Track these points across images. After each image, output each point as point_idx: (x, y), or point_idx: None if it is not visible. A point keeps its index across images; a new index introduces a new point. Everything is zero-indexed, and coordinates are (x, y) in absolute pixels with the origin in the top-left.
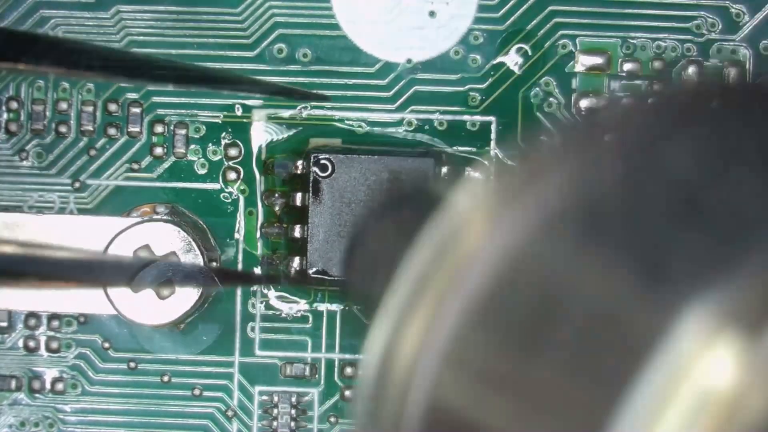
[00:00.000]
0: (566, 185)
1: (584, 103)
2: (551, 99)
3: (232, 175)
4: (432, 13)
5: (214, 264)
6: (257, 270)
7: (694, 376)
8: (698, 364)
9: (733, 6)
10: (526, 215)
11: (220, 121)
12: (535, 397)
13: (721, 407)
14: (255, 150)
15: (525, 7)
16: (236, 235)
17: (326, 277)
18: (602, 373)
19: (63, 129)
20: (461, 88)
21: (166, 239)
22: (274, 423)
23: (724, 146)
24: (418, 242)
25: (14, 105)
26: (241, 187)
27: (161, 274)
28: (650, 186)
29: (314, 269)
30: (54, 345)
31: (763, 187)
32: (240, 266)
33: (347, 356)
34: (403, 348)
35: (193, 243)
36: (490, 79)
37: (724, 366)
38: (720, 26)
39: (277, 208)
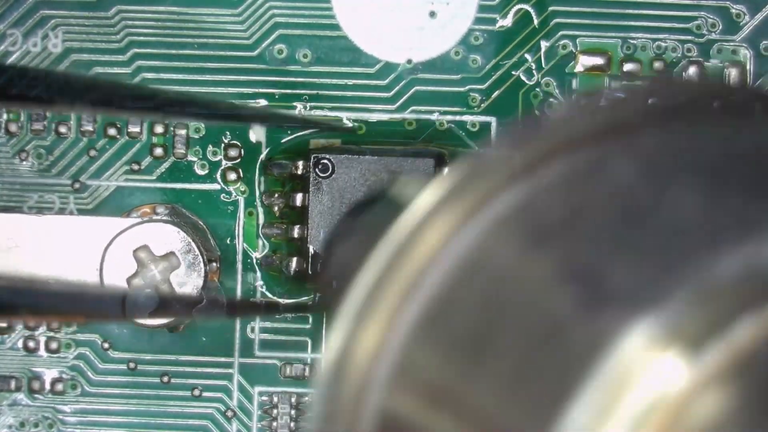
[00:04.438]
0: (512, 191)
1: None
2: (551, 99)
3: (231, 176)
4: (432, 14)
5: (215, 264)
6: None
7: (639, 384)
8: (643, 372)
9: (734, 6)
10: (475, 223)
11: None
12: (477, 408)
13: (664, 415)
14: (255, 151)
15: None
16: (236, 236)
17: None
18: (545, 381)
19: (63, 129)
20: (461, 89)
21: (166, 240)
22: (274, 423)
23: (667, 159)
24: (377, 246)
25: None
26: (241, 188)
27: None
28: (594, 198)
29: (313, 261)
30: (54, 345)
31: (704, 202)
32: (240, 267)
33: None
34: (358, 354)
35: (192, 243)
36: (490, 80)
37: (667, 377)
38: (720, 26)
39: (276, 209)
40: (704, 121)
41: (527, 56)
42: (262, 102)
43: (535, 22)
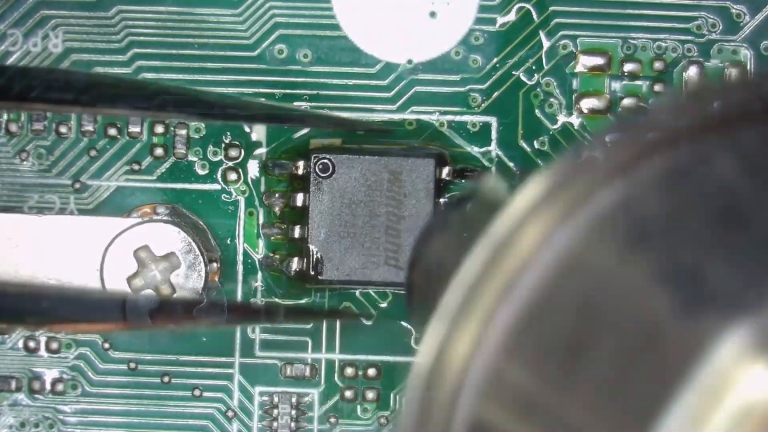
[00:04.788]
0: (611, 189)
1: (587, 104)
2: (552, 99)
3: (232, 176)
4: (433, 14)
5: (215, 264)
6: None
7: (735, 391)
8: (739, 378)
9: (734, 6)
10: (574, 223)
11: (220, 122)
12: (570, 416)
13: (760, 421)
14: (255, 151)
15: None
16: (236, 236)
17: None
18: (641, 387)
19: (63, 129)
20: (462, 89)
21: (167, 240)
22: (274, 423)
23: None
24: (473, 248)
25: None
26: (242, 188)
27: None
28: (695, 196)
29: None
30: (54, 345)
31: None
32: (240, 267)
33: (347, 357)
34: (453, 357)
35: (193, 243)
36: (490, 80)
37: (763, 383)
38: (720, 27)
39: (277, 209)
40: None
41: (527, 56)
42: (262, 102)
43: (536, 21)
